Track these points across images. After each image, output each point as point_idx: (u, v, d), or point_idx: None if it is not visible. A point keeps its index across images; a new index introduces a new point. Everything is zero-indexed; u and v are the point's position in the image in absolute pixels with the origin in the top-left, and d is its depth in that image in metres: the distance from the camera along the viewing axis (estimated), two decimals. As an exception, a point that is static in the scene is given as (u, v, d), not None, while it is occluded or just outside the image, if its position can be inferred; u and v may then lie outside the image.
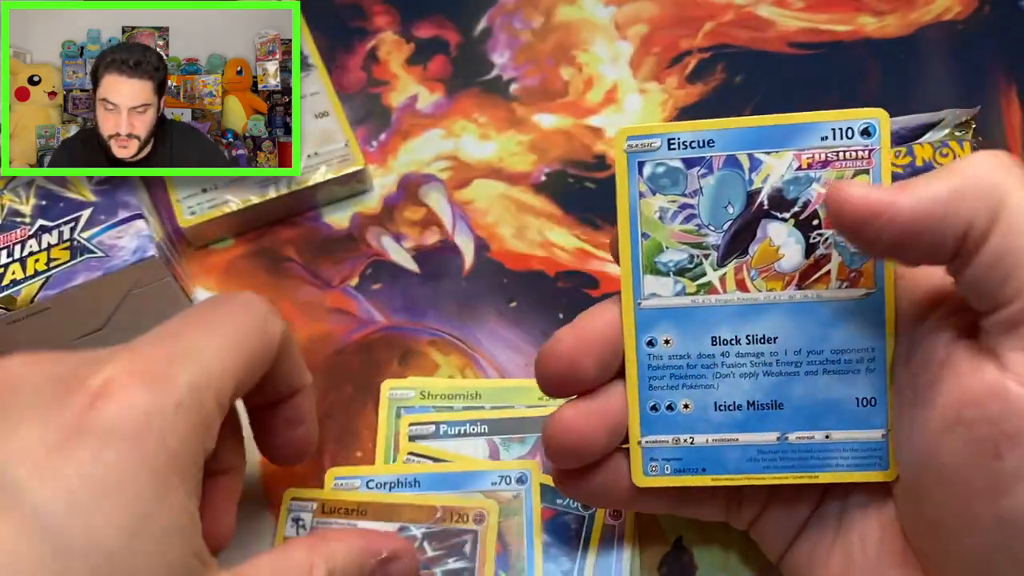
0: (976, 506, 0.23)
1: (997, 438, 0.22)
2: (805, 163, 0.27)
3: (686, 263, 0.28)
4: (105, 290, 0.35)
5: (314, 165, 0.41)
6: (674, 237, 0.28)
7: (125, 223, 0.35)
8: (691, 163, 0.28)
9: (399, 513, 0.33)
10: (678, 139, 0.28)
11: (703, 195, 0.28)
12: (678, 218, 0.28)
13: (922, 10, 0.47)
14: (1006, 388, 0.22)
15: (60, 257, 0.34)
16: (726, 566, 0.34)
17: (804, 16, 0.47)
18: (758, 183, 0.28)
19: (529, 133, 0.44)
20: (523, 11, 0.48)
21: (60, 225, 0.35)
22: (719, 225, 0.28)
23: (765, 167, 0.28)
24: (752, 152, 0.28)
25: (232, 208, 0.40)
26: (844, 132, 0.27)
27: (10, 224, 0.35)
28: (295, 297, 0.40)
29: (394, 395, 0.37)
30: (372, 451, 0.36)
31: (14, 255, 0.35)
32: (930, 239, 0.23)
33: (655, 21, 0.47)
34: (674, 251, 0.28)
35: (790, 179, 0.27)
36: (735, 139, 0.28)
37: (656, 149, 0.28)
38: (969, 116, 0.41)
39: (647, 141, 0.28)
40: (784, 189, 0.28)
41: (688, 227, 0.28)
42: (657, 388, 0.29)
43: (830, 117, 0.27)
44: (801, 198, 0.27)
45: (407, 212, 0.42)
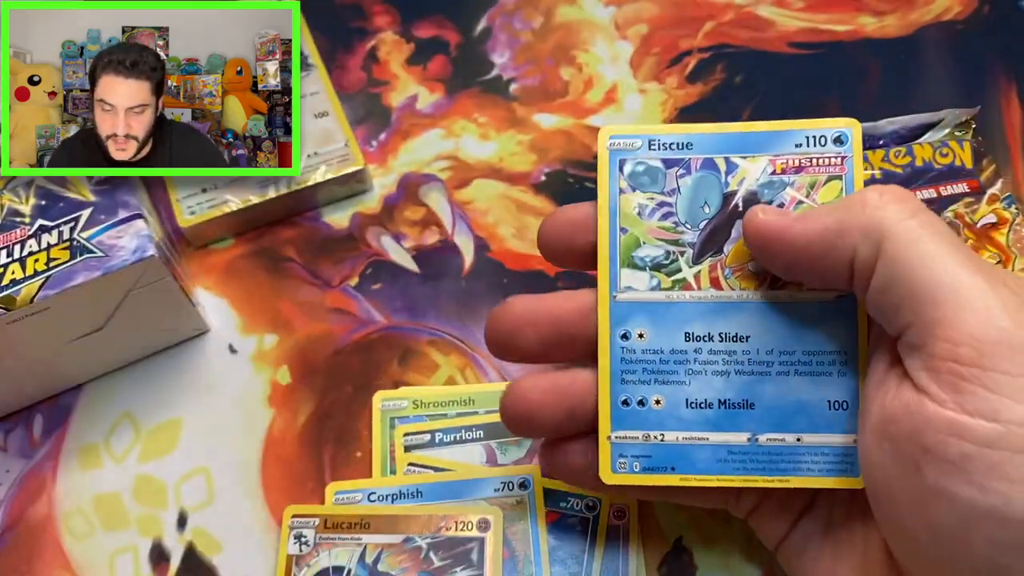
0: (909, 519, 0.24)
1: (917, 454, 0.23)
2: (779, 168, 0.28)
3: (662, 259, 0.29)
4: (105, 290, 0.35)
5: (314, 165, 0.41)
6: (651, 233, 0.29)
7: (125, 223, 0.35)
8: (670, 163, 0.29)
9: (403, 525, 0.33)
10: (659, 140, 0.29)
11: (681, 194, 0.29)
12: (656, 215, 0.29)
13: (922, 10, 0.47)
14: (922, 406, 0.23)
15: (60, 257, 0.34)
16: (727, 566, 0.34)
17: (804, 16, 0.47)
18: (734, 185, 0.29)
19: (529, 133, 0.44)
20: (523, 11, 0.48)
21: (60, 225, 0.35)
22: (695, 224, 0.29)
23: (741, 171, 0.29)
24: (729, 156, 0.29)
25: (232, 208, 0.40)
26: (817, 140, 0.28)
27: (10, 224, 0.35)
28: (295, 297, 0.40)
29: (387, 406, 0.37)
30: (372, 451, 0.36)
31: (14, 255, 0.34)
32: (822, 265, 0.25)
33: (655, 21, 0.47)
34: (651, 247, 0.29)
35: (765, 183, 0.28)
36: (713, 143, 0.29)
37: (637, 148, 0.29)
38: (969, 116, 0.41)
39: (629, 140, 0.29)
40: (759, 192, 0.28)
41: (665, 224, 0.29)
42: (629, 382, 0.29)
43: (804, 125, 0.29)
44: (775, 201, 0.28)
45: (407, 212, 0.42)
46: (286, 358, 0.39)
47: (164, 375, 0.39)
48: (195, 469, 0.37)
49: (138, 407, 0.38)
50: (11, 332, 0.34)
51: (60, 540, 0.36)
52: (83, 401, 0.38)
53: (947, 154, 0.40)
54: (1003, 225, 0.38)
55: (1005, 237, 0.38)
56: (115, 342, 0.37)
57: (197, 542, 0.35)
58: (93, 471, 0.37)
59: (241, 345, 0.39)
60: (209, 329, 0.40)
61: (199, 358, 0.39)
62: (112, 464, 0.37)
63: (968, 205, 0.39)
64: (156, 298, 0.36)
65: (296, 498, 0.36)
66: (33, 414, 0.38)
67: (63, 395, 0.38)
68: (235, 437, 0.37)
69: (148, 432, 0.38)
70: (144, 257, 0.34)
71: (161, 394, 0.38)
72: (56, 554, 0.35)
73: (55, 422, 0.38)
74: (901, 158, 0.40)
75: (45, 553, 0.35)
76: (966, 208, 0.39)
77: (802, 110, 0.44)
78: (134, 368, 0.39)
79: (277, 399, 0.38)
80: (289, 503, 0.35)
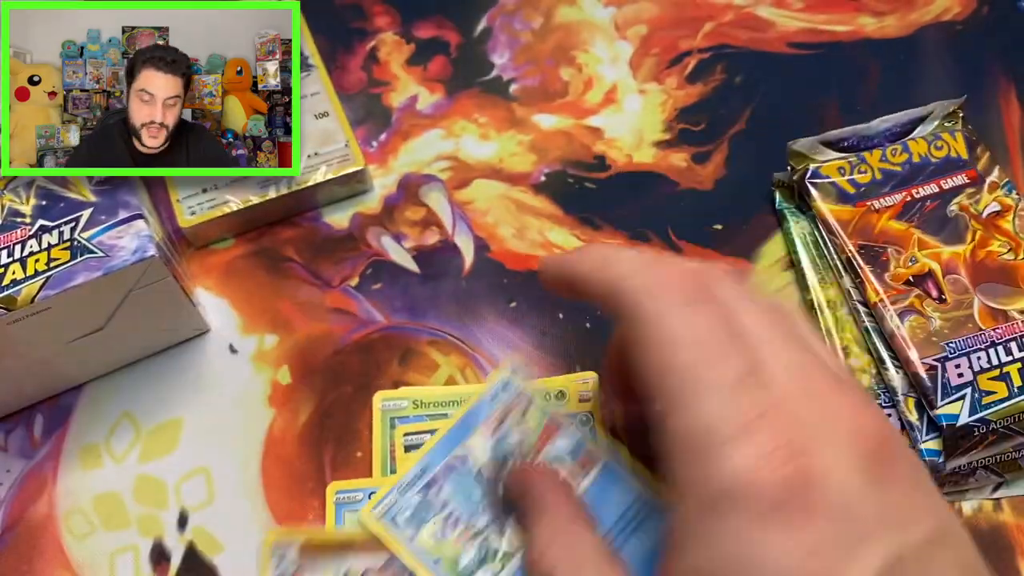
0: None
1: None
2: (493, 430, 0.34)
3: (481, 555, 0.32)
4: (105, 290, 0.35)
5: (314, 165, 0.41)
6: (458, 544, 0.32)
7: (125, 223, 0.35)
8: (427, 488, 0.33)
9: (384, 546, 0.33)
10: (403, 483, 0.33)
11: (452, 503, 0.33)
12: (449, 531, 0.33)
13: (921, 10, 0.47)
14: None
15: (60, 257, 0.34)
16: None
17: (803, 16, 0.47)
18: (478, 464, 0.34)
19: (529, 133, 0.44)
20: (523, 12, 0.48)
21: (60, 225, 0.35)
22: (478, 510, 0.33)
23: (473, 453, 0.34)
24: (456, 454, 0.34)
25: (232, 208, 0.40)
26: (503, 387, 0.35)
27: (10, 224, 0.35)
28: (295, 297, 0.40)
29: (387, 406, 0.37)
30: (372, 451, 0.36)
31: (14, 255, 0.34)
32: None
33: (655, 22, 0.47)
34: (467, 554, 0.32)
35: (493, 445, 0.34)
36: (439, 452, 0.34)
37: (394, 502, 0.33)
38: (955, 106, 0.41)
39: (385, 503, 0.33)
40: (495, 454, 0.33)
41: (460, 529, 0.33)
42: None
43: (485, 393, 0.35)
44: (509, 451, 0.34)
45: (407, 212, 0.42)
46: (286, 358, 0.39)
47: (165, 375, 0.39)
48: (195, 469, 0.37)
49: (139, 407, 0.38)
50: (12, 332, 0.34)
51: (60, 540, 0.36)
52: (84, 401, 0.38)
53: (942, 147, 0.40)
54: (1007, 212, 0.38)
55: (1011, 224, 0.38)
56: (116, 342, 0.37)
57: (198, 542, 0.35)
58: (94, 471, 0.37)
59: (241, 345, 0.39)
60: (209, 329, 0.40)
61: (199, 358, 0.39)
62: (112, 464, 0.37)
63: (971, 196, 0.39)
64: (156, 298, 0.36)
65: (296, 497, 0.36)
66: (34, 414, 0.38)
67: (64, 395, 0.38)
68: (235, 437, 0.37)
69: (148, 432, 0.38)
70: (145, 257, 0.34)
71: (161, 394, 0.38)
72: (56, 554, 0.35)
73: (56, 422, 0.38)
74: (898, 156, 0.40)
75: (46, 553, 0.35)
76: (969, 200, 0.39)
77: (802, 110, 0.45)
78: (135, 368, 0.39)
79: (277, 399, 0.38)
80: (289, 503, 0.36)
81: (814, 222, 0.40)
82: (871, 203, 0.39)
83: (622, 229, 0.42)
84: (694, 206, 0.42)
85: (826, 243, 0.39)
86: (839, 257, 0.38)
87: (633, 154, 0.44)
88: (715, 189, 0.42)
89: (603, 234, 0.41)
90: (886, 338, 0.36)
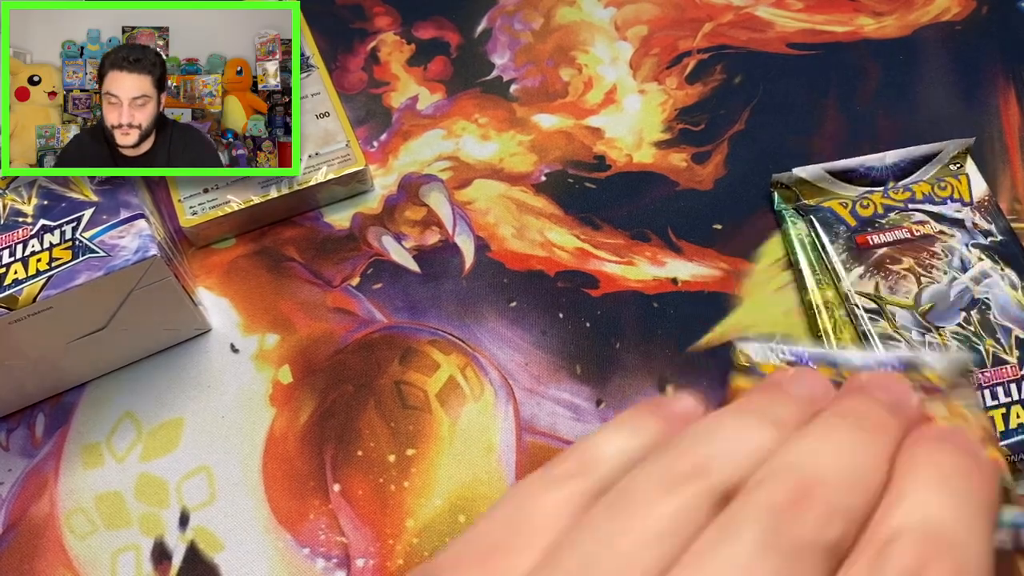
0: None
1: None
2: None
3: None
4: (107, 289, 0.35)
5: (315, 165, 0.41)
6: None
7: (127, 223, 0.36)
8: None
9: None
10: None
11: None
12: None
13: (920, 11, 0.47)
14: None
15: (62, 257, 0.34)
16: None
17: (803, 17, 0.47)
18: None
19: (529, 133, 0.44)
20: (523, 12, 0.48)
21: (62, 225, 0.35)
22: None
23: None
24: None
25: (233, 208, 0.40)
26: None
27: (12, 224, 0.35)
28: (296, 297, 0.40)
29: None
30: (374, 449, 0.37)
31: (16, 255, 0.35)
32: None
33: (654, 22, 0.47)
34: None
35: None
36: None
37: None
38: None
39: None
40: None
41: None
42: None
43: None
44: None
45: (408, 212, 0.43)
46: (287, 357, 0.39)
47: (166, 374, 0.39)
48: (197, 468, 0.37)
49: (140, 406, 0.38)
50: (13, 332, 0.34)
51: (62, 539, 0.36)
52: (85, 400, 0.38)
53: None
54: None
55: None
56: (117, 341, 0.37)
57: (199, 541, 0.35)
58: (95, 470, 0.37)
59: (243, 344, 0.39)
60: (211, 328, 0.40)
61: (201, 357, 0.39)
62: (114, 463, 0.37)
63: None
64: (158, 298, 0.36)
65: (298, 496, 0.36)
66: (35, 413, 0.38)
67: (65, 394, 0.39)
68: (237, 436, 0.37)
69: (150, 431, 0.38)
70: (146, 257, 0.34)
71: (163, 393, 0.38)
72: (58, 553, 0.35)
73: (57, 421, 0.38)
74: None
75: (47, 552, 0.35)
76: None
77: (801, 111, 0.45)
78: (136, 367, 0.39)
79: (278, 398, 0.38)
80: (290, 502, 0.36)
81: (811, 224, 0.40)
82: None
83: (622, 229, 0.42)
84: (694, 206, 0.42)
85: (823, 246, 0.39)
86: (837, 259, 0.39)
87: (633, 154, 0.44)
88: (715, 189, 0.43)
89: (603, 234, 0.41)
90: (884, 340, 0.36)
